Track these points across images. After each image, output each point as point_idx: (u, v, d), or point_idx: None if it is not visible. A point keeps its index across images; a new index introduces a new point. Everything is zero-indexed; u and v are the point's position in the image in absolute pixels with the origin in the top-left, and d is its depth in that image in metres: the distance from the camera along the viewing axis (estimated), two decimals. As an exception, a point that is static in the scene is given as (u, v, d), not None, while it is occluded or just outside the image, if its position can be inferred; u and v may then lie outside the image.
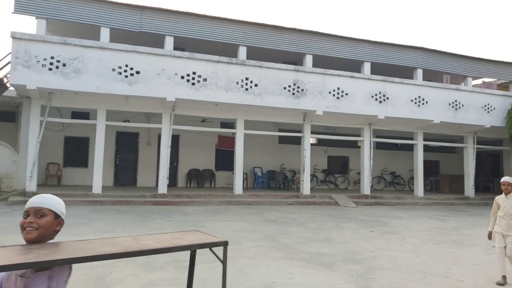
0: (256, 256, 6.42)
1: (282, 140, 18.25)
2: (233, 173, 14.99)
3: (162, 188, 13.11)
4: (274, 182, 17.13)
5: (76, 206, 11.22)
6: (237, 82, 13.24)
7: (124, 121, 14.22)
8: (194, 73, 12.74)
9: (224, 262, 2.54)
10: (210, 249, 2.53)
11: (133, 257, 5.96)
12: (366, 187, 15.61)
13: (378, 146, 19.12)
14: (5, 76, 12.25)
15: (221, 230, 8.59)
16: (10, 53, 11.25)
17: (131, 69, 12.05)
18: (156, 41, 13.89)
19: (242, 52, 14.27)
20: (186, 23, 13.70)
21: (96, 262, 5.58)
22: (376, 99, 14.93)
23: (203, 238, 2.54)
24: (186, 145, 16.56)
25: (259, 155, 17.31)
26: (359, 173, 16.52)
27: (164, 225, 8.95)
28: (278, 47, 14.69)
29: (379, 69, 16.20)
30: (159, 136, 14.11)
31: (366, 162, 15.62)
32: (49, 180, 14.52)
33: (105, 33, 13.14)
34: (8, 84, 12.07)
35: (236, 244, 7.19)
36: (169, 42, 13.34)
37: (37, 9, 12.73)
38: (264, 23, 14.81)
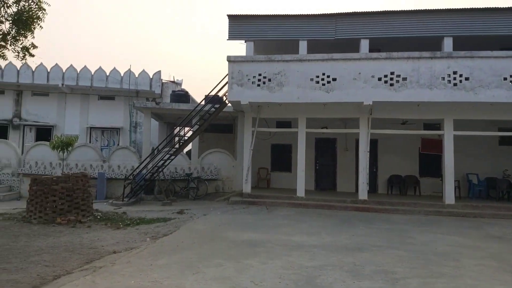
0: (479, 276, 5.46)
1: (504, 141, 15.34)
2: (441, 180, 13.44)
3: (363, 194, 12.84)
4: (495, 192, 14.50)
5: (283, 208, 12.13)
6: (443, 78, 11.85)
7: (322, 128, 14.65)
8: (392, 73, 12.06)
9: None
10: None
11: (340, 262, 5.93)
12: None
13: None
14: (224, 95, 14.40)
15: (432, 243, 7.73)
16: (227, 74, 13.14)
17: (328, 76, 12.31)
18: (350, 46, 13.84)
19: (447, 43, 12.73)
20: (381, 23, 13.18)
21: (307, 263, 5.81)
22: None
23: None
24: (386, 149, 15.81)
25: (473, 160, 15.00)
26: None
27: (368, 232, 8.68)
28: (494, 33, 12.48)
29: None
30: (357, 141, 13.93)
31: None
32: (260, 183, 16.24)
33: (303, 45, 13.93)
34: (226, 101, 14.13)
35: (453, 260, 6.31)
36: (364, 45, 13.09)
37: (246, 34, 14.56)
38: (474, 7, 12.86)
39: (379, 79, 12.08)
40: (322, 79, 12.33)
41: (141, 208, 12.17)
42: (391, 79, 12.03)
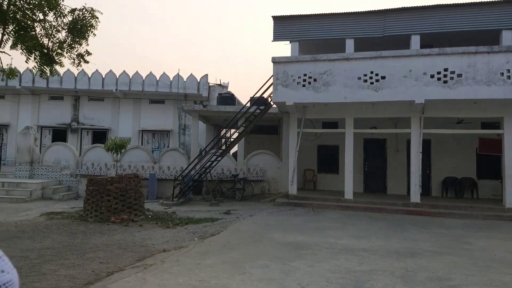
0: (549, 288, 5.01)
1: None
2: (501, 182, 12.56)
3: (415, 197, 12.29)
4: None
5: (331, 210, 11.90)
6: (501, 73, 11.07)
7: (371, 128, 14.22)
8: (445, 69, 11.45)
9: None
10: None
11: (390, 267, 5.70)
12: None
13: None
14: (269, 96, 14.40)
15: (491, 249, 7.23)
16: (271, 76, 13.13)
17: (376, 75, 11.93)
18: (399, 43, 13.34)
19: (506, 37, 11.90)
20: (433, 17, 12.58)
21: (355, 267, 5.64)
22: None
23: None
24: (440, 150, 15.05)
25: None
26: None
27: (421, 237, 8.28)
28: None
29: None
30: (408, 141, 13.37)
31: None
32: (306, 185, 16.07)
33: (349, 44, 13.62)
34: (271, 103, 14.13)
35: (517, 268, 5.85)
36: (415, 41, 12.55)
37: (291, 34, 14.48)
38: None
39: (432, 76, 11.51)
40: (370, 78, 11.96)
41: (190, 208, 12.46)
42: (445, 76, 11.42)
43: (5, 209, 11.53)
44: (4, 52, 6.57)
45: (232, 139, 14.89)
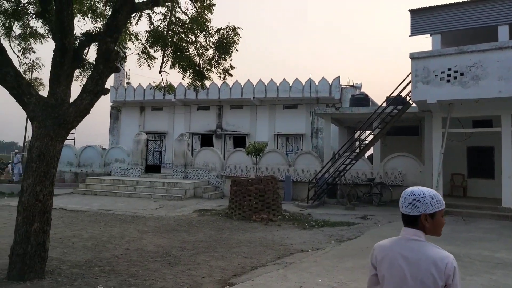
0: None
1: None
2: None
3: None
4: None
5: (484, 220, 10.55)
6: None
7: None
8: None
9: None
10: None
11: None
12: None
13: None
14: (408, 95, 13.53)
15: None
16: (410, 73, 12.31)
17: (542, 63, 10.15)
18: None
19: None
20: None
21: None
22: None
23: None
24: None
25: None
26: None
27: None
28: None
29: None
30: None
31: None
32: (454, 191, 14.52)
33: (503, 31, 11.92)
34: (410, 102, 13.24)
35: None
36: None
37: (431, 27, 13.38)
38: None
39: None
40: (533, 67, 10.24)
41: (325, 211, 12.54)
42: None
43: (165, 206, 13.41)
44: (164, 71, 7.73)
45: (366, 142, 14.45)
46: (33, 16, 7.72)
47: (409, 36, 14.20)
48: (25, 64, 8.32)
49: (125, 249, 7.10)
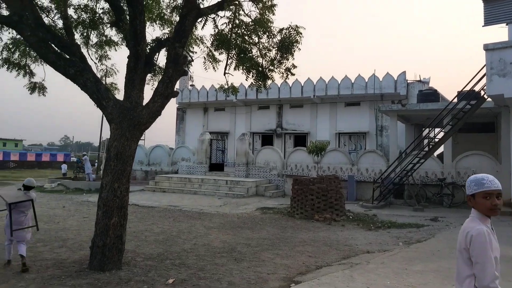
0: None
1: None
2: None
3: None
4: None
5: None
6: None
7: None
8: None
9: None
10: None
11: None
12: None
13: None
14: (482, 89, 12.60)
15: None
16: (484, 65, 11.45)
17: None
18: None
19: None
20: None
21: None
22: None
23: None
24: None
25: None
26: None
27: None
28: None
29: None
30: None
31: None
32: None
33: None
34: (485, 96, 12.32)
35: None
36: None
37: (508, 15, 12.34)
38: None
39: None
40: None
41: (391, 212, 12.09)
42: None
43: (229, 203, 13.76)
44: (228, 73, 7.95)
45: (436, 140, 13.69)
46: (108, 26, 8.34)
47: (483, 26, 13.20)
48: (101, 70, 9.03)
49: (193, 244, 7.42)
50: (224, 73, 7.74)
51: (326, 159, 16.57)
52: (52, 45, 6.14)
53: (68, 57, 6.17)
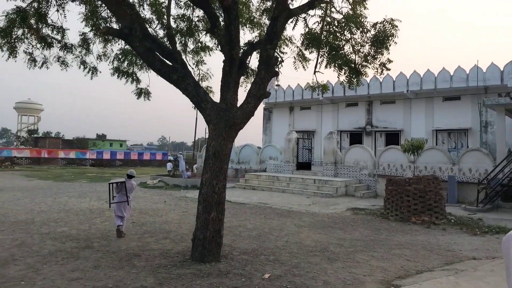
0: None
1: None
2: None
3: None
4: None
5: None
6: None
7: None
8: None
9: None
10: None
11: None
12: None
13: None
14: None
15: None
16: None
17: None
18: None
19: None
20: None
21: None
22: None
23: None
24: None
25: None
26: None
27: None
28: None
29: None
30: None
31: None
32: None
33: None
34: None
35: None
36: None
37: None
38: None
39: None
40: None
41: (498, 216, 10.94)
42: None
43: (318, 203, 13.67)
44: (318, 71, 7.90)
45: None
46: (204, 32, 8.86)
47: None
48: (198, 75, 9.63)
49: (285, 241, 7.54)
50: (314, 72, 7.72)
51: (423, 158, 15.55)
52: (157, 53, 6.73)
53: (171, 64, 6.70)
